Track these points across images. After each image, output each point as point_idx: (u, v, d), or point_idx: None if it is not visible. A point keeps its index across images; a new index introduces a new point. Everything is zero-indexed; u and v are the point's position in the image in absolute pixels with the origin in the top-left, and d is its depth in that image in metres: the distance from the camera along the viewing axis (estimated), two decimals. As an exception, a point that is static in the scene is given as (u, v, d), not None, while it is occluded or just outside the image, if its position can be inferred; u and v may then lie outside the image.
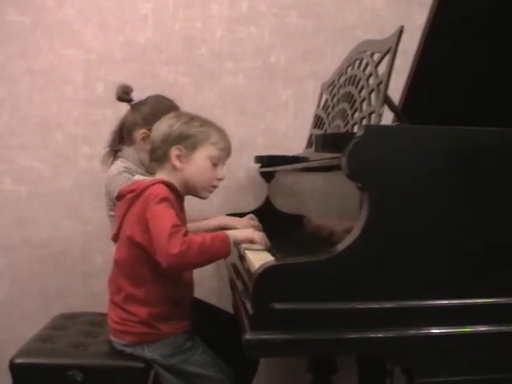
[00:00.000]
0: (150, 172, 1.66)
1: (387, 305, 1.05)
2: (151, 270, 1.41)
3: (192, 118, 1.51)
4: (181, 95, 2.22)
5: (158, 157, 1.50)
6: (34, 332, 1.68)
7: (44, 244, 2.27)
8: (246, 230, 1.50)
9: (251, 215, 1.83)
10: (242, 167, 2.36)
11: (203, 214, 2.24)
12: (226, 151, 1.55)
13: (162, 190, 1.40)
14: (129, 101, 1.87)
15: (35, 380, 1.47)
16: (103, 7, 2.29)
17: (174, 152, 1.47)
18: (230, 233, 1.39)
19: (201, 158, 1.49)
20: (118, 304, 1.47)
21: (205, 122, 1.52)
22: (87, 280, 2.24)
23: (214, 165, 1.51)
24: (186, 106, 1.92)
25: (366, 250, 1.05)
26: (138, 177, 1.55)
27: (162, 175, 1.49)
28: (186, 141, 1.47)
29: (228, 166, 2.32)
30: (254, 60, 2.36)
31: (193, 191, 1.53)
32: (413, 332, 1.06)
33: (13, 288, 2.27)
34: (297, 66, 2.38)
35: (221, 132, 1.54)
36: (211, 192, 1.57)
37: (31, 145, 2.27)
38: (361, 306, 1.05)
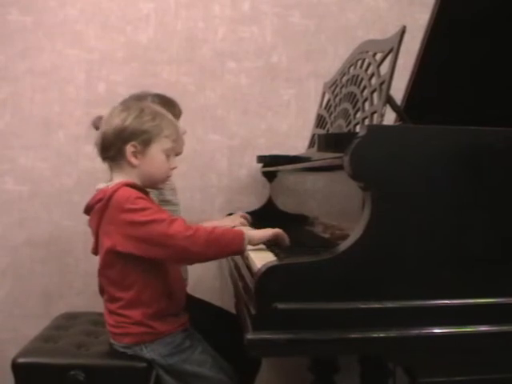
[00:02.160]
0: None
1: (389, 304, 1.05)
2: (138, 273, 1.41)
3: (142, 110, 1.49)
4: (183, 95, 2.23)
5: (112, 155, 1.47)
6: (35, 332, 1.68)
7: (46, 244, 2.28)
8: (265, 230, 1.44)
9: (244, 214, 1.84)
10: (244, 167, 2.36)
11: (204, 213, 2.25)
12: (179, 140, 1.55)
13: (128, 191, 1.39)
14: None
15: (37, 380, 1.47)
16: (105, 7, 2.29)
17: (129, 149, 1.45)
18: (246, 230, 1.38)
19: (155, 152, 1.48)
20: (113, 311, 1.47)
21: (156, 114, 1.50)
22: (89, 280, 2.23)
23: (168, 156, 1.51)
24: (188, 105, 1.93)
25: (368, 250, 1.05)
26: (101, 185, 1.52)
27: (119, 174, 1.48)
28: (141, 137, 1.45)
29: (230, 165, 2.35)
30: (256, 60, 2.36)
31: (150, 184, 1.53)
32: (414, 332, 1.06)
33: (15, 288, 2.27)
34: (299, 65, 2.38)
35: (172, 123, 1.53)
36: (166, 181, 1.59)
37: (33, 144, 2.27)
38: (362, 306, 1.05)
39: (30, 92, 2.27)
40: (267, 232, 1.42)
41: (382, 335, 1.05)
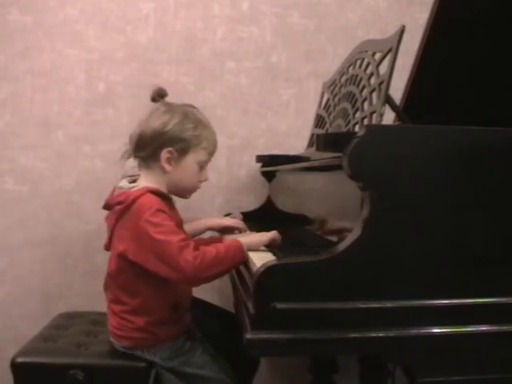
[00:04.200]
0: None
1: (388, 304, 1.05)
2: (147, 281, 1.40)
3: (186, 116, 1.46)
4: (182, 95, 2.21)
5: (145, 155, 1.45)
6: (35, 331, 1.68)
7: (45, 244, 2.27)
8: (261, 235, 1.45)
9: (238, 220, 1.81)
10: (244, 167, 2.36)
11: (204, 213, 2.25)
12: (214, 153, 1.53)
13: (151, 200, 1.36)
14: None
15: (36, 379, 1.47)
16: (105, 7, 2.29)
17: (164, 155, 1.43)
18: (243, 240, 1.37)
19: (190, 163, 1.46)
20: (116, 313, 1.47)
21: (198, 123, 1.48)
22: (88, 279, 2.24)
23: (201, 168, 1.50)
24: (188, 105, 1.93)
25: (367, 250, 1.05)
26: (124, 183, 1.49)
27: (148, 176, 1.46)
28: (179, 144, 1.43)
29: (229, 165, 2.35)
30: (256, 60, 2.36)
31: (176, 193, 1.52)
32: (413, 332, 1.06)
33: (14, 287, 2.27)
34: (298, 65, 2.38)
35: (212, 134, 1.51)
36: (193, 193, 1.56)
37: (33, 144, 2.27)
38: (361, 306, 1.05)
39: (30, 92, 2.27)
40: (264, 237, 1.42)
41: (381, 335, 1.05)
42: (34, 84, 2.26)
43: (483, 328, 1.08)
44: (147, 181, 1.45)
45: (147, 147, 1.44)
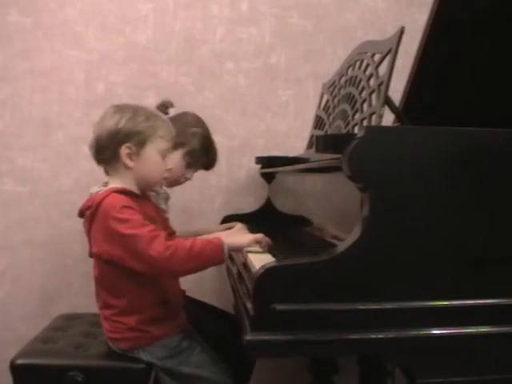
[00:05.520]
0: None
1: (388, 305, 1.05)
2: (130, 280, 1.41)
3: (136, 111, 1.47)
4: (181, 96, 2.23)
5: (107, 157, 1.46)
6: (34, 332, 1.68)
7: (45, 244, 2.27)
8: (245, 236, 1.46)
9: (241, 226, 1.80)
10: (243, 168, 2.36)
11: (203, 214, 2.25)
12: (172, 140, 1.53)
13: (116, 199, 1.37)
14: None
15: (36, 380, 1.47)
16: (104, 8, 2.29)
17: (124, 151, 1.43)
18: (226, 239, 1.37)
19: (151, 153, 1.46)
20: (108, 317, 1.48)
21: (149, 115, 1.48)
22: (88, 280, 2.21)
23: (163, 157, 1.49)
24: (187, 106, 1.93)
25: (367, 251, 1.05)
26: (94, 188, 1.51)
27: (115, 177, 1.47)
28: (135, 138, 1.43)
29: (229, 166, 2.35)
30: (255, 60, 2.36)
31: (146, 186, 1.53)
32: (413, 332, 1.06)
33: (14, 288, 2.27)
34: (297, 66, 2.38)
35: (166, 122, 1.51)
36: (162, 183, 1.57)
37: (32, 145, 2.26)
38: (361, 307, 1.05)
39: (30, 92, 2.27)
40: (246, 239, 1.42)
41: (380, 336, 1.05)
42: (34, 84, 2.26)
43: (483, 329, 1.08)
44: (115, 182, 1.46)
45: (106, 149, 1.45)
